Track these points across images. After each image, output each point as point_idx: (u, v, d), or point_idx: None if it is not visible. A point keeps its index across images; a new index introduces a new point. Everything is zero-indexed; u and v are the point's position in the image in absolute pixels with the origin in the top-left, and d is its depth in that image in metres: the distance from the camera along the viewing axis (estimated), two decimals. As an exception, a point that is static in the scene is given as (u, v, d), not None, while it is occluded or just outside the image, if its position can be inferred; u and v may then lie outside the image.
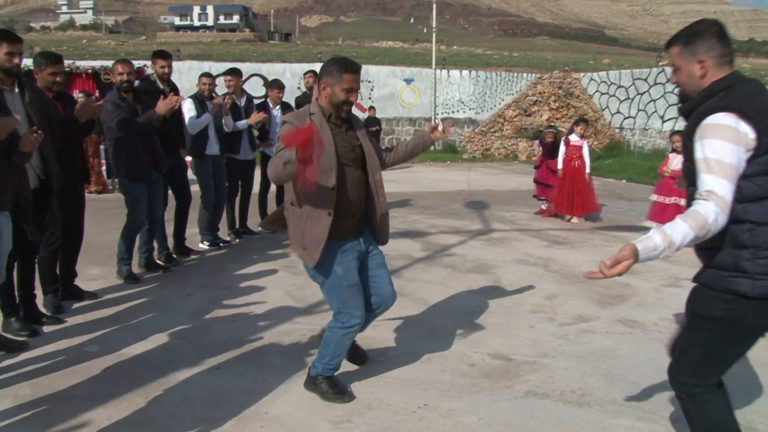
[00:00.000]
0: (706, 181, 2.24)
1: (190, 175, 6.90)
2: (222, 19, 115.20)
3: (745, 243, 2.30)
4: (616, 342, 4.52)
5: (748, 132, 2.23)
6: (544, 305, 5.37)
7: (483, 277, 6.28)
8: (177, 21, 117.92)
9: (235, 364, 4.03)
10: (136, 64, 6.14)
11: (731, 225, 2.28)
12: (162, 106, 5.51)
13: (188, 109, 6.76)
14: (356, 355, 4.05)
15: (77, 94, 11.67)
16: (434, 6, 24.19)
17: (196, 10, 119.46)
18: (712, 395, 2.51)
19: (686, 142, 2.40)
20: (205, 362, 4.03)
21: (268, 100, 8.16)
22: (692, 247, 2.36)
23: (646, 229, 5.03)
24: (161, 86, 6.29)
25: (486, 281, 6.12)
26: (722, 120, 2.26)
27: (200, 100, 6.86)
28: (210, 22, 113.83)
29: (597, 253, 7.36)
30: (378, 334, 4.60)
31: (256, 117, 7.31)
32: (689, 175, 2.39)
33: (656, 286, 5.97)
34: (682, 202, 7.54)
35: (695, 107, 2.40)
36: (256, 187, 8.11)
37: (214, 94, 7.04)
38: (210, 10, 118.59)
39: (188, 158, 6.92)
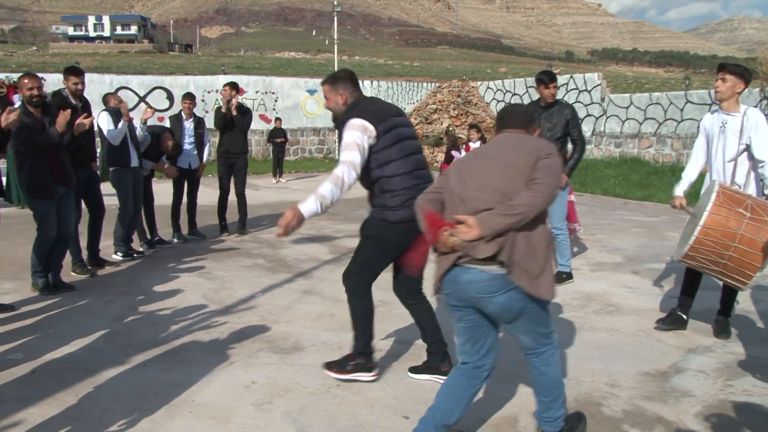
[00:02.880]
0: (343, 155, 3.66)
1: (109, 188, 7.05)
2: (119, 30, 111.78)
3: (385, 189, 3.75)
4: (506, 324, 5.08)
5: (368, 126, 3.70)
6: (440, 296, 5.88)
7: (386, 274, 6.72)
8: (71, 31, 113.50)
9: (161, 360, 4.31)
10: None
11: (380, 180, 3.75)
12: (61, 122, 5.59)
13: (106, 122, 6.89)
14: None
15: None
16: (335, 17, 24.70)
17: (92, 20, 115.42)
18: (368, 291, 4.00)
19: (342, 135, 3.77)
20: (131, 360, 4.29)
21: (181, 112, 8.39)
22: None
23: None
24: (74, 102, 6.39)
25: (389, 278, 6.57)
26: (353, 121, 3.70)
27: (115, 112, 7.00)
28: (106, 33, 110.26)
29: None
30: (292, 329, 4.98)
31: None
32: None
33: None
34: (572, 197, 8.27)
35: (341, 118, 3.84)
36: (168, 198, 8.32)
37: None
38: (106, 20, 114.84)
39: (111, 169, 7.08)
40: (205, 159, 8.66)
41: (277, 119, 18.51)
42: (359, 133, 3.68)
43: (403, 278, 4.02)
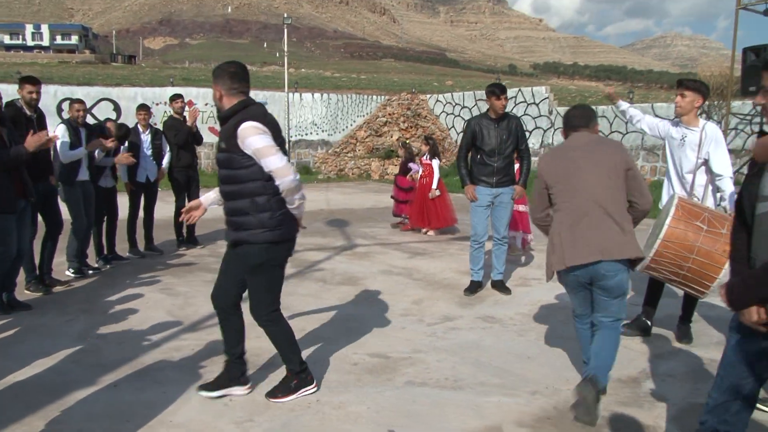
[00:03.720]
0: (273, 161, 3.51)
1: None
2: (59, 40, 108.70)
3: (264, 207, 3.58)
4: (479, 336, 5.13)
5: (266, 129, 3.55)
6: (412, 309, 5.91)
7: (353, 288, 6.73)
8: (7, 39, 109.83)
9: (132, 380, 4.19)
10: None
11: (259, 196, 3.56)
12: (32, 143, 5.32)
13: (61, 134, 6.66)
14: None
15: None
16: (285, 30, 24.63)
17: (29, 28, 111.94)
18: (281, 314, 3.91)
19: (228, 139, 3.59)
20: (100, 381, 4.15)
21: (137, 125, 8.22)
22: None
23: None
24: (29, 113, 6.18)
25: (356, 291, 6.58)
26: (256, 125, 3.51)
27: (73, 127, 6.82)
28: (45, 42, 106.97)
29: (454, 261, 8.05)
30: (263, 344, 4.88)
31: (124, 158, 7.53)
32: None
33: (509, 285, 6.68)
34: (521, 207, 8.42)
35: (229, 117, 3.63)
36: (124, 213, 8.12)
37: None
38: (45, 29, 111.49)
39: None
40: (164, 167, 8.49)
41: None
42: (268, 137, 3.54)
43: (229, 289, 3.89)
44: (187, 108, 8.54)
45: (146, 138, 8.17)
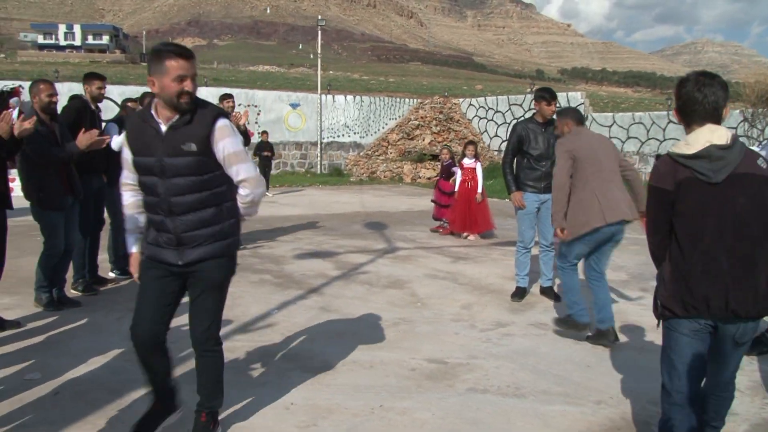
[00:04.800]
0: (247, 168, 3.09)
1: None
2: (90, 40, 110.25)
3: (230, 214, 3.17)
4: (534, 342, 5.03)
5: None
6: (462, 314, 5.82)
7: (399, 291, 6.66)
8: (40, 39, 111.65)
9: (189, 380, 4.13)
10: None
11: (228, 202, 3.13)
12: (84, 141, 5.41)
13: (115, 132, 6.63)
14: None
15: None
16: (319, 33, 24.68)
17: (62, 28, 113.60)
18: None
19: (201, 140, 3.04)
20: (158, 380, 4.11)
21: None
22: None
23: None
24: (93, 107, 6.23)
25: (403, 295, 6.50)
26: (228, 123, 3.06)
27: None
28: (77, 42, 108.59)
29: (498, 266, 7.95)
30: (316, 347, 4.84)
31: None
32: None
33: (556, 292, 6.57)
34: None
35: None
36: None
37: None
38: (77, 29, 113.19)
39: None
40: None
41: (264, 132, 18.31)
42: (240, 138, 3.15)
43: (159, 321, 3.26)
44: (236, 109, 8.49)
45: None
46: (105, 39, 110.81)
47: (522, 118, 6.41)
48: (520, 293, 6.39)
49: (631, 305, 6.29)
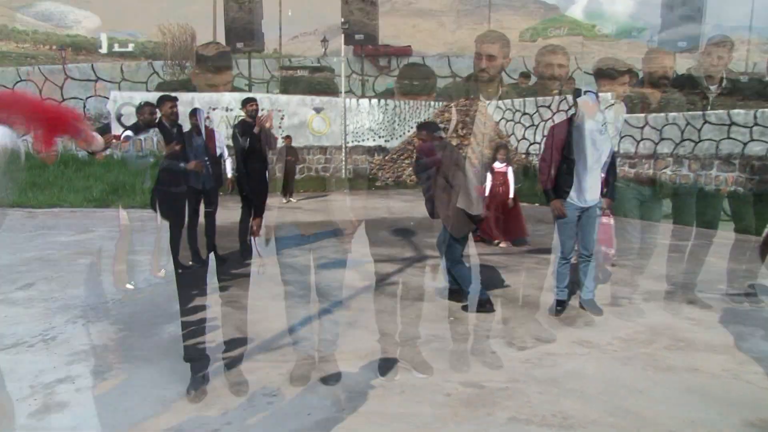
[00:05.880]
0: None
1: None
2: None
3: None
4: (579, 363, 4.63)
5: None
6: (498, 329, 5.45)
7: (430, 304, 6.29)
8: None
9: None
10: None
11: None
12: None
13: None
14: None
15: None
16: (343, 36, 24.40)
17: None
18: None
19: None
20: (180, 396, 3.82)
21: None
22: None
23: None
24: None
25: (434, 308, 6.14)
26: None
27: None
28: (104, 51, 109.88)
29: (533, 276, 7.55)
30: (343, 368, 4.50)
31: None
32: None
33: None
34: (603, 220, 7.84)
35: None
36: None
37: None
38: (103, 35, 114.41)
39: None
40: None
41: (288, 137, 18.03)
42: None
43: None
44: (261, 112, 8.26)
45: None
46: (130, 47, 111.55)
47: (549, 120, 6.04)
48: (559, 306, 6.00)
49: (679, 320, 5.86)
